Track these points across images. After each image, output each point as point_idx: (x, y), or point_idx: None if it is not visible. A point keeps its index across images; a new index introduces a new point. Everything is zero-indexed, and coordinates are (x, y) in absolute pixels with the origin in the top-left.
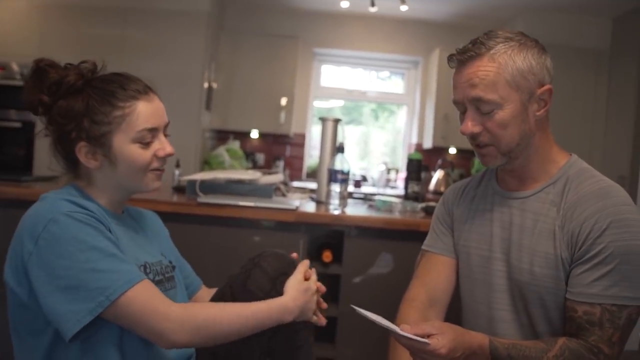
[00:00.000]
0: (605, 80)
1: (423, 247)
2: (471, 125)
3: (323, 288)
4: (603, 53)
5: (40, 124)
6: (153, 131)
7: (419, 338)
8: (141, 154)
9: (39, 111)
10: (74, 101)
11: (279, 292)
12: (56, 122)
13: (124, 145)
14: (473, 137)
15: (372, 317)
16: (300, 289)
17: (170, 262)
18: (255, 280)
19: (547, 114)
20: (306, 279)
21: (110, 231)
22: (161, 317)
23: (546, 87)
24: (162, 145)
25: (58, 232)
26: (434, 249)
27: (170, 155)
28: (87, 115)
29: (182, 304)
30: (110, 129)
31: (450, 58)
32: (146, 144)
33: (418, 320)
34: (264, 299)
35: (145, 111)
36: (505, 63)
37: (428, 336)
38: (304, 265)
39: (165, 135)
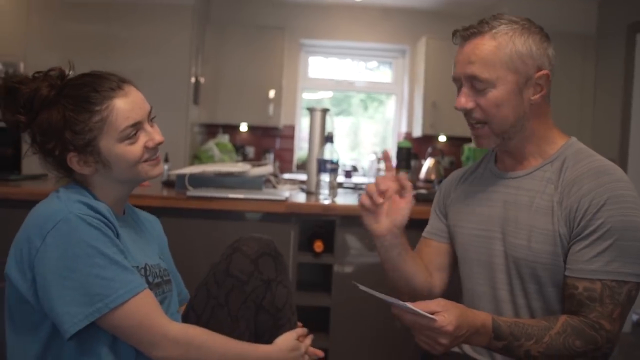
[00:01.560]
0: (592, 64)
1: (423, 232)
2: (464, 101)
3: (320, 353)
4: (589, 37)
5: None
6: (136, 125)
7: (426, 313)
8: (130, 151)
9: (20, 129)
10: (50, 115)
11: (261, 273)
12: (38, 141)
13: (112, 146)
14: (467, 114)
15: (375, 294)
16: (289, 346)
17: (165, 270)
18: (237, 263)
19: (544, 99)
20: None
21: (118, 236)
22: (159, 331)
23: (543, 72)
24: (150, 136)
25: (68, 232)
26: (428, 235)
27: (160, 143)
28: (67, 128)
29: (182, 324)
30: (94, 135)
31: (454, 34)
32: (133, 139)
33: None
34: (247, 282)
35: (124, 108)
36: (505, 43)
37: (433, 313)
38: (302, 330)
39: (152, 120)
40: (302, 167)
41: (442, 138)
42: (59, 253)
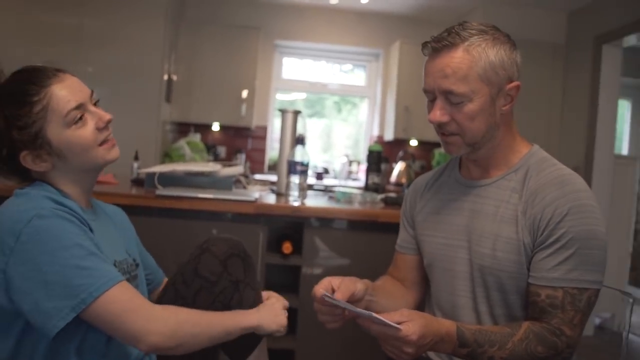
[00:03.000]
0: (560, 73)
1: (396, 245)
2: (439, 115)
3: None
4: (559, 47)
5: None
6: (80, 108)
7: (391, 323)
8: (82, 134)
9: None
10: None
11: (230, 274)
12: None
13: (60, 134)
14: (440, 126)
15: (341, 304)
16: (267, 302)
17: (134, 260)
18: (206, 264)
19: (511, 108)
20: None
21: (91, 230)
22: (144, 316)
23: (515, 83)
24: (98, 115)
25: (42, 228)
26: (400, 248)
27: (109, 120)
28: (11, 127)
29: (163, 305)
30: (39, 126)
31: (424, 45)
32: (80, 123)
33: (392, 284)
34: (215, 283)
35: (62, 92)
36: (478, 56)
37: (398, 323)
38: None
39: (95, 104)
40: (274, 168)
41: (414, 142)
42: (36, 249)
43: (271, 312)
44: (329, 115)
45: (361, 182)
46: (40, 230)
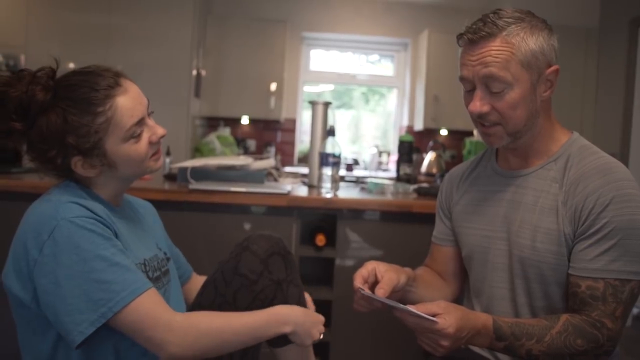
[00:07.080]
0: (594, 58)
1: (432, 237)
2: (480, 105)
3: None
4: (591, 31)
5: None
6: (140, 123)
7: (428, 316)
8: (137, 149)
9: (14, 138)
10: (48, 120)
11: (271, 272)
12: (38, 148)
13: (118, 147)
14: (480, 117)
15: (377, 297)
16: (307, 311)
17: (165, 254)
18: (246, 263)
19: (552, 94)
20: None
21: (116, 234)
22: (163, 327)
23: (554, 67)
24: (153, 130)
25: (63, 240)
26: (437, 240)
27: (163, 136)
28: (69, 132)
29: (185, 314)
30: (99, 137)
31: (459, 37)
32: (137, 137)
33: (431, 275)
34: (256, 281)
35: (127, 105)
36: (518, 44)
37: (434, 315)
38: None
39: (150, 114)
40: (303, 160)
41: (444, 131)
42: (56, 263)
43: (310, 321)
44: (356, 107)
45: (392, 173)
46: (60, 243)
